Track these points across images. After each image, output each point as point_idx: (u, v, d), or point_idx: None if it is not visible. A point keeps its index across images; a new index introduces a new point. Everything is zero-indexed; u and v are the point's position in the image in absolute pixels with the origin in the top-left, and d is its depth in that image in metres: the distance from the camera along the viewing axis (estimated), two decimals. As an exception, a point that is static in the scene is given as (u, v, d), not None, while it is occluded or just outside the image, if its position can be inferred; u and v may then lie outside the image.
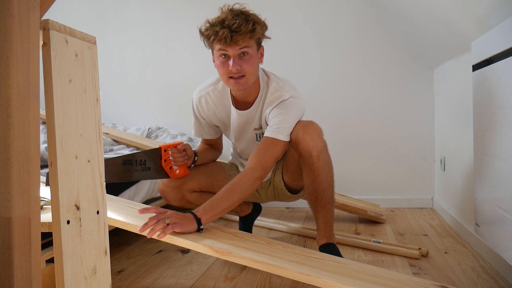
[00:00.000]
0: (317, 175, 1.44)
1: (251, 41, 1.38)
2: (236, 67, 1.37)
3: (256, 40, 1.40)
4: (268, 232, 2.03)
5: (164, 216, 1.19)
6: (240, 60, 1.38)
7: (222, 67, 1.40)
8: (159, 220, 1.17)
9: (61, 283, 0.74)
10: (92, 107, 0.83)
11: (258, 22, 1.38)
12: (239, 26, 1.32)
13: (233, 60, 1.37)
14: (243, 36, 1.34)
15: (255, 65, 1.42)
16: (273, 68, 1.63)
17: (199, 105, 1.60)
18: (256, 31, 1.37)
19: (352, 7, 2.60)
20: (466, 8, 1.52)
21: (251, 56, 1.39)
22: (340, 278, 1.05)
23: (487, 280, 1.36)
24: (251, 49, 1.39)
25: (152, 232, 1.14)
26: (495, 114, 1.25)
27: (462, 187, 1.93)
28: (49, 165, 0.74)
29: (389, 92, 2.60)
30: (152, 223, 1.16)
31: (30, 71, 0.65)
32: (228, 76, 1.40)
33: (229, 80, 1.41)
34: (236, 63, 1.37)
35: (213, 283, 1.39)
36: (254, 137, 1.59)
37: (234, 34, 1.33)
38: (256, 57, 1.42)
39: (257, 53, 1.43)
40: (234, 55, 1.37)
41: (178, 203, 1.64)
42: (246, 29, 1.33)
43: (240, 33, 1.33)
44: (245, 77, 1.41)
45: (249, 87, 1.46)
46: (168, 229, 1.15)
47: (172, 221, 1.18)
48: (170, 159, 1.53)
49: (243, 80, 1.41)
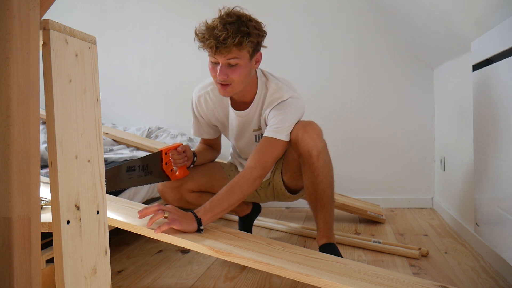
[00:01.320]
0: (317, 175, 1.44)
1: (241, 52, 1.35)
2: (223, 76, 1.36)
3: (247, 50, 1.36)
4: (268, 232, 2.03)
5: (165, 208, 1.19)
6: (227, 69, 1.36)
7: (212, 72, 1.40)
8: (159, 209, 1.17)
9: (61, 283, 0.74)
10: (92, 107, 0.83)
11: (249, 33, 1.33)
12: (226, 38, 1.29)
13: (220, 68, 1.36)
14: (229, 49, 1.31)
15: (243, 74, 1.39)
16: (273, 69, 1.63)
17: (198, 104, 1.60)
18: (244, 44, 1.32)
19: (352, 7, 2.60)
20: (466, 8, 1.52)
21: (239, 66, 1.37)
22: (340, 278, 1.05)
23: (487, 280, 1.36)
24: (240, 59, 1.35)
25: (150, 221, 1.15)
26: (495, 114, 1.25)
27: (462, 187, 1.93)
28: (49, 165, 0.74)
29: (389, 92, 2.60)
30: (151, 210, 1.16)
31: (30, 71, 0.65)
32: (216, 81, 1.41)
33: (217, 84, 1.42)
34: (223, 72, 1.36)
35: (213, 283, 1.39)
36: (253, 138, 1.59)
37: (220, 45, 1.31)
38: (247, 66, 1.39)
39: (250, 61, 1.39)
40: (222, 64, 1.36)
41: (177, 203, 1.64)
42: (231, 42, 1.30)
43: (226, 46, 1.30)
44: (231, 85, 1.40)
45: (244, 89, 1.46)
46: (164, 224, 1.15)
47: (171, 216, 1.17)
48: (170, 161, 1.53)
49: (229, 88, 1.41)
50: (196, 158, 1.62)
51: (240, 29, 1.32)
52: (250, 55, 1.39)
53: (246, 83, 1.45)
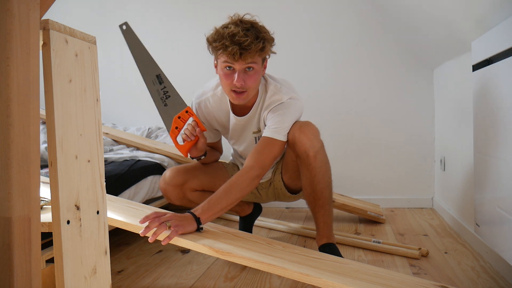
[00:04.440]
0: (315, 175, 1.44)
1: (258, 58, 1.38)
2: (241, 82, 1.37)
3: (263, 56, 1.41)
4: (268, 232, 2.03)
5: (164, 218, 1.18)
6: (244, 75, 1.38)
7: (226, 79, 1.40)
8: (160, 223, 1.16)
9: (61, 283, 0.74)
10: (92, 107, 0.83)
11: (267, 40, 1.38)
12: (250, 44, 1.32)
13: (238, 74, 1.37)
14: (252, 54, 1.34)
15: (258, 80, 1.42)
16: (273, 70, 1.63)
17: (199, 110, 1.61)
18: (266, 49, 1.37)
19: (352, 8, 2.60)
20: (466, 8, 1.52)
21: (255, 72, 1.39)
22: (340, 278, 1.05)
23: (487, 280, 1.36)
24: (256, 64, 1.39)
25: (154, 236, 1.13)
26: (495, 114, 1.25)
27: (462, 187, 1.94)
28: (49, 165, 0.74)
29: (389, 92, 2.60)
30: (153, 226, 1.15)
31: (30, 71, 0.65)
32: (230, 89, 1.41)
33: (230, 92, 1.42)
34: (241, 78, 1.37)
35: (213, 283, 1.39)
36: (254, 140, 1.59)
37: (244, 51, 1.32)
38: (260, 71, 1.43)
39: (261, 67, 1.43)
40: (240, 70, 1.37)
41: (179, 202, 1.64)
42: (256, 48, 1.33)
43: (250, 51, 1.32)
44: (247, 92, 1.41)
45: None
46: (172, 233, 1.14)
47: (173, 223, 1.17)
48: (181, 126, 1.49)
49: (244, 95, 1.42)
50: (204, 157, 1.61)
51: (259, 35, 1.35)
52: (262, 60, 1.42)
53: (256, 90, 1.47)
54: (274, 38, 1.43)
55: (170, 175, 1.61)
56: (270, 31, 1.42)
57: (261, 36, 1.36)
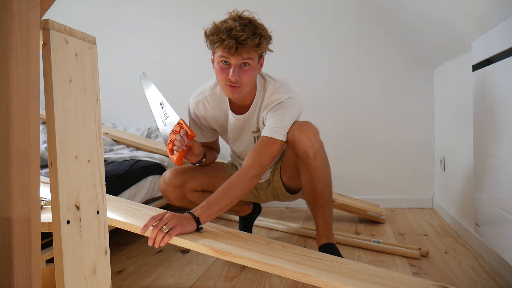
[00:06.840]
0: (314, 175, 1.44)
1: (254, 54, 1.39)
2: (235, 77, 1.37)
3: (259, 53, 1.41)
4: (268, 232, 2.03)
5: (162, 223, 1.17)
6: (240, 70, 1.38)
7: (221, 73, 1.40)
8: (158, 229, 1.16)
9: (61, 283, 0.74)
10: (92, 107, 0.83)
11: (264, 36, 1.38)
12: (246, 39, 1.32)
13: (233, 69, 1.37)
14: (248, 49, 1.34)
15: (253, 76, 1.42)
16: (272, 70, 1.63)
17: (197, 109, 1.60)
18: (262, 46, 1.37)
19: (352, 8, 2.60)
20: (466, 8, 1.52)
21: (251, 67, 1.40)
22: (340, 278, 1.05)
23: (487, 280, 1.36)
24: (252, 60, 1.39)
25: (156, 244, 1.14)
26: (495, 114, 1.25)
27: (462, 187, 1.94)
28: (49, 165, 0.74)
29: (389, 92, 2.60)
30: (153, 235, 1.15)
31: (30, 71, 0.65)
32: (225, 83, 1.41)
33: (225, 86, 1.42)
34: (236, 73, 1.37)
35: (213, 283, 1.39)
36: (252, 140, 1.59)
37: (239, 46, 1.32)
38: (256, 68, 1.43)
39: (257, 63, 1.44)
40: (235, 64, 1.37)
41: (179, 202, 1.64)
42: (252, 43, 1.33)
43: (246, 46, 1.33)
44: (241, 87, 1.41)
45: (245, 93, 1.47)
46: (170, 233, 1.15)
47: (172, 224, 1.17)
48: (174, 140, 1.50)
49: (239, 90, 1.42)
50: (204, 159, 1.61)
51: (256, 31, 1.36)
52: (259, 57, 1.42)
53: (252, 86, 1.47)
54: (271, 36, 1.43)
55: (169, 176, 1.61)
56: (268, 29, 1.43)
57: (258, 32, 1.36)
